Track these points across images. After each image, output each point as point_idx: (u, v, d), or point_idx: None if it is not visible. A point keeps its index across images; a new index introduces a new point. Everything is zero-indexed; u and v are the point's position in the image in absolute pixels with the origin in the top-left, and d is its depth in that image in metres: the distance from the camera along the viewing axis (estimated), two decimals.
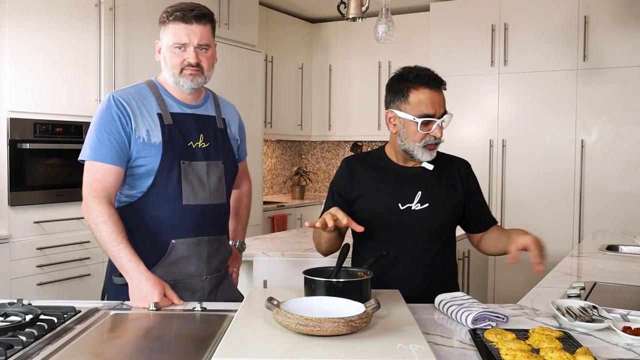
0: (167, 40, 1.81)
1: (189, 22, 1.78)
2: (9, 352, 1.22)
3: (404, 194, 1.86)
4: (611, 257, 2.65)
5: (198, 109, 1.92)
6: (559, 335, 1.36)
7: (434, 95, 1.79)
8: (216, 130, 1.93)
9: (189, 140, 1.85)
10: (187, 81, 1.82)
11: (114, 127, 1.77)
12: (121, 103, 1.79)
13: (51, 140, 3.38)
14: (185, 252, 1.83)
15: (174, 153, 1.80)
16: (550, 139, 4.64)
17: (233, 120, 2.04)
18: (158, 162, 1.79)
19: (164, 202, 1.80)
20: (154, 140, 1.80)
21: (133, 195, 1.82)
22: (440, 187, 1.89)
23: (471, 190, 1.96)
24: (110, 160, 1.76)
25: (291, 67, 5.78)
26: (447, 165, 1.94)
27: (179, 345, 1.38)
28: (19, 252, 3.23)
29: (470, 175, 1.98)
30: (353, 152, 6.18)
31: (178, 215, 1.81)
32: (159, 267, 1.81)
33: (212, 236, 1.88)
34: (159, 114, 1.83)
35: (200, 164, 1.85)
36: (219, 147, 1.92)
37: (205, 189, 1.85)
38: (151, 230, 1.81)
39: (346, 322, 1.24)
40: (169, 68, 1.83)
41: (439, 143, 1.83)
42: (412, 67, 1.84)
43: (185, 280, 1.83)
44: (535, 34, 4.69)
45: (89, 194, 1.76)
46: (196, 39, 1.79)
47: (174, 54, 1.81)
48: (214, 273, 1.91)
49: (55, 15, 3.40)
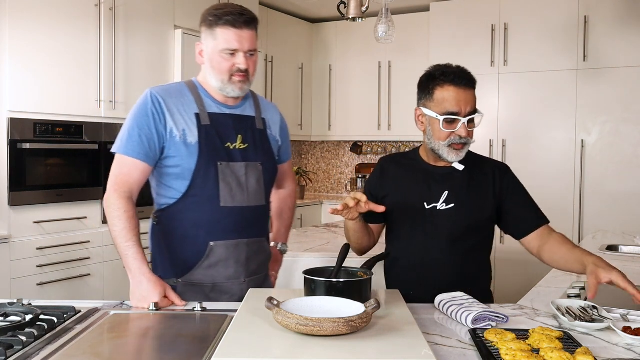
0: (215, 44, 1.78)
1: (240, 28, 1.76)
2: (9, 352, 1.22)
3: (431, 194, 1.85)
4: (611, 257, 2.64)
5: (237, 109, 1.89)
6: (559, 335, 1.36)
7: (460, 93, 1.75)
8: (255, 131, 1.91)
9: (227, 141, 1.83)
10: (236, 88, 1.81)
11: (146, 124, 1.76)
12: (158, 100, 1.79)
13: (51, 140, 3.39)
14: (223, 255, 1.81)
15: (210, 154, 1.79)
16: (550, 139, 4.64)
17: (274, 120, 2.01)
18: (194, 163, 1.77)
19: (201, 204, 1.79)
20: (190, 140, 1.78)
21: (172, 197, 1.82)
22: (469, 188, 1.85)
23: (508, 191, 1.88)
24: (138, 156, 1.76)
25: (291, 67, 5.78)
26: (481, 167, 1.89)
27: (179, 345, 1.38)
28: (19, 252, 3.23)
29: (507, 178, 1.90)
30: (353, 152, 6.19)
31: (216, 218, 1.80)
32: (197, 269, 1.81)
33: (251, 239, 1.86)
34: (196, 114, 1.81)
35: (238, 165, 1.83)
36: (258, 148, 1.90)
37: (244, 190, 1.83)
38: (190, 233, 1.81)
39: (346, 322, 1.24)
40: (217, 73, 1.80)
41: (467, 143, 1.80)
42: (441, 65, 1.82)
43: (223, 283, 1.82)
44: (535, 34, 4.69)
45: (111, 186, 1.76)
46: (247, 44, 1.77)
47: (224, 59, 1.78)
48: (252, 276, 1.88)
49: (55, 15, 3.40)
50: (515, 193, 1.90)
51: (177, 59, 4.16)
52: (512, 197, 1.88)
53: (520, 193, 1.91)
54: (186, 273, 1.81)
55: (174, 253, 1.82)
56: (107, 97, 3.68)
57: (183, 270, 1.82)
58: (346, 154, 6.30)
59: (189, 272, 1.79)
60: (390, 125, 5.60)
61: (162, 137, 1.78)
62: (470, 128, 1.78)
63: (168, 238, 1.82)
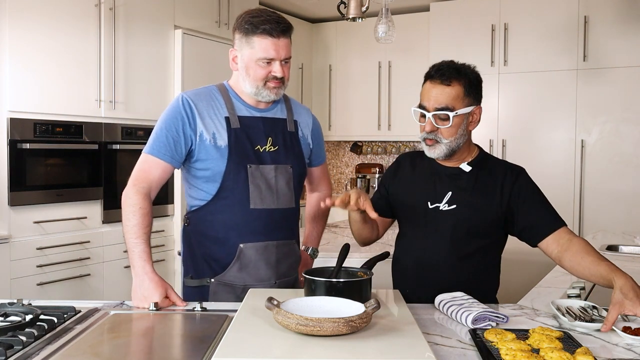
0: (252, 53, 1.79)
1: (277, 37, 1.77)
2: (9, 352, 1.22)
3: (435, 193, 1.83)
4: (611, 257, 2.64)
5: (268, 112, 1.90)
6: (559, 335, 1.36)
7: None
8: (286, 134, 1.91)
9: (256, 144, 1.84)
10: (271, 94, 1.83)
11: (174, 126, 1.79)
12: (189, 104, 1.81)
13: (51, 140, 3.39)
14: (253, 257, 1.82)
15: (240, 157, 1.80)
16: (550, 139, 4.64)
17: (305, 123, 2.01)
18: (224, 165, 1.79)
19: (231, 206, 1.81)
20: (219, 143, 1.80)
21: (202, 199, 1.84)
22: (473, 190, 1.80)
23: (519, 196, 1.78)
24: (161, 156, 1.78)
25: (291, 67, 5.77)
26: (491, 169, 1.83)
27: (179, 345, 1.38)
28: (19, 252, 3.23)
29: (519, 183, 1.80)
30: (353, 152, 6.19)
31: (246, 220, 1.81)
32: (229, 271, 1.82)
33: (280, 241, 1.87)
34: (226, 118, 1.83)
35: (268, 167, 1.84)
36: (289, 150, 1.90)
37: (273, 193, 1.84)
38: (221, 235, 1.82)
39: (346, 322, 1.24)
40: (252, 80, 1.81)
41: (433, 138, 1.76)
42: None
43: (255, 285, 1.82)
44: (535, 34, 4.69)
45: (131, 181, 1.78)
46: (283, 53, 1.79)
47: (260, 67, 1.79)
48: (282, 278, 1.89)
49: (55, 15, 3.40)
50: (527, 197, 1.79)
51: (177, 59, 4.15)
52: (524, 202, 1.79)
53: (532, 197, 1.80)
54: (219, 273, 1.83)
55: (206, 254, 1.84)
56: (107, 97, 3.68)
57: (216, 270, 1.84)
58: (346, 154, 6.30)
59: (221, 272, 1.82)
60: (390, 125, 5.60)
61: (191, 140, 1.80)
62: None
63: (199, 239, 1.85)
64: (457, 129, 1.76)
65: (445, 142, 1.77)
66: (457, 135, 1.77)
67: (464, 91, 1.75)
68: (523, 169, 1.86)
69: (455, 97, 1.74)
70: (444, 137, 1.76)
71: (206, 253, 1.85)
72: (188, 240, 1.89)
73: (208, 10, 4.46)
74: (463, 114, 1.75)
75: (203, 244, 1.84)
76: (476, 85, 1.79)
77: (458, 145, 1.79)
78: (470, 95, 1.77)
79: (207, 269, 1.85)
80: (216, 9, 4.50)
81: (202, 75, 4.19)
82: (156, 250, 3.88)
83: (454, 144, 1.78)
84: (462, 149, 1.82)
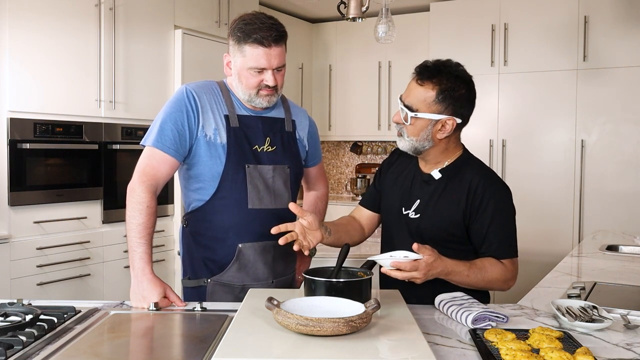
0: (243, 61, 1.77)
1: (269, 46, 1.75)
2: (9, 352, 1.22)
3: (408, 199, 1.81)
4: (611, 257, 2.65)
5: (267, 112, 1.90)
6: (559, 335, 1.36)
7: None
8: (284, 133, 1.92)
9: (255, 143, 1.84)
10: (264, 101, 1.83)
11: (180, 119, 1.77)
12: (193, 97, 1.79)
13: (51, 140, 3.39)
14: (252, 257, 1.83)
15: (238, 156, 1.80)
16: (550, 139, 4.64)
17: (302, 125, 2.01)
18: (222, 165, 1.79)
19: (230, 206, 1.81)
20: (219, 140, 1.80)
21: (200, 199, 1.83)
22: (439, 198, 1.74)
23: (479, 208, 1.69)
24: (169, 151, 1.76)
25: (291, 67, 5.77)
26: (463, 177, 1.74)
27: (179, 345, 1.38)
28: (19, 252, 3.23)
29: (486, 195, 1.69)
30: (353, 152, 6.19)
31: (244, 220, 1.82)
32: (228, 271, 1.82)
33: (277, 241, 1.87)
34: (225, 116, 1.82)
35: (266, 167, 1.84)
36: (286, 151, 1.90)
37: (271, 193, 1.85)
38: (220, 235, 1.82)
39: (346, 322, 1.24)
40: (244, 87, 1.81)
41: (399, 130, 1.73)
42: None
43: (252, 284, 1.83)
44: (535, 34, 4.69)
45: (139, 177, 1.75)
46: (275, 62, 1.77)
47: (251, 76, 1.78)
48: (279, 277, 1.90)
49: (55, 15, 3.40)
50: (480, 214, 1.69)
51: (177, 59, 4.15)
52: (477, 218, 1.69)
53: (485, 215, 1.69)
54: (216, 274, 1.83)
55: (204, 255, 1.84)
56: (107, 97, 3.68)
57: (213, 271, 1.84)
58: (346, 154, 6.30)
59: (220, 272, 1.82)
60: (390, 125, 5.60)
61: (193, 134, 1.78)
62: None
63: (198, 240, 1.85)
64: (419, 131, 1.70)
65: (407, 138, 1.73)
66: (419, 137, 1.70)
67: (435, 96, 1.66)
68: (500, 184, 1.75)
69: (422, 99, 1.67)
70: (407, 133, 1.73)
71: (204, 254, 1.85)
72: (187, 242, 1.89)
73: (208, 10, 4.46)
74: (426, 118, 1.67)
75: (201, 245, 1.85)
76: (455, 98, 1.67)
77: (423, 147, 1.72)
78: (442, 103, 1.66)
79: (205, 269, 1.85)
80: (216, 9, 4.49)
81: (202, 75, 4.19)
82: (156, 250, 3.87)
83: (418, 144, 1.72)
84: (435, 154, 1.76)
